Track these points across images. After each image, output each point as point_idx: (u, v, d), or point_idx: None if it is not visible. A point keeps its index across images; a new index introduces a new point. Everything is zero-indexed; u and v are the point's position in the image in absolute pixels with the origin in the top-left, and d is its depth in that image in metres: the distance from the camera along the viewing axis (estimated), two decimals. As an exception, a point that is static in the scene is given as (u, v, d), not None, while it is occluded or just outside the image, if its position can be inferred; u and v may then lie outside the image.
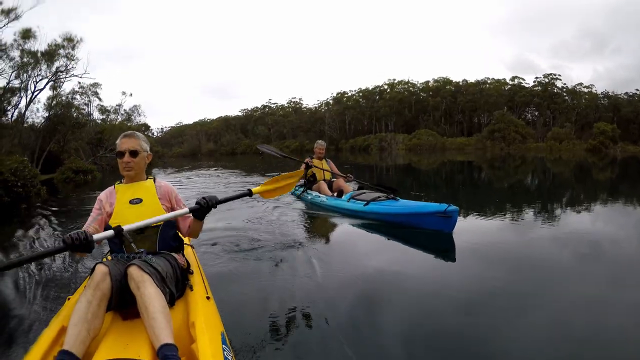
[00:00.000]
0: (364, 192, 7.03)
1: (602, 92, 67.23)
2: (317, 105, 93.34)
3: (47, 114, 18.62)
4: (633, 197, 10.03)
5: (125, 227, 2.24)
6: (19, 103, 17.33)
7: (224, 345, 1.94)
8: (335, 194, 7.92)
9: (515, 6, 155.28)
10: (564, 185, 13.29)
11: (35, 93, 17.67)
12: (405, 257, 4.82)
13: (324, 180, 8.39)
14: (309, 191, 8.40)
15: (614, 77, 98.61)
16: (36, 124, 18.27)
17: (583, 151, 37.98)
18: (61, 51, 17.37)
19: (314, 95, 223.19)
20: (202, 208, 2.53)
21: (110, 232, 2.22)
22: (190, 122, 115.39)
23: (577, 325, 2.87)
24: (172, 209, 2.67)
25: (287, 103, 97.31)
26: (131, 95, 36.27)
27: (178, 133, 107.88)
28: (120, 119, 26.68)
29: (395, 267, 4.40)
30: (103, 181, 16.62)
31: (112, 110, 26.31)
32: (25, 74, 16.35)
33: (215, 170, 23.90)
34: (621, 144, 40.26)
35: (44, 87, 17.69)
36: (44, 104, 18.22)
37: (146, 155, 2.74)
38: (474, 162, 27.22)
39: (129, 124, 25.97)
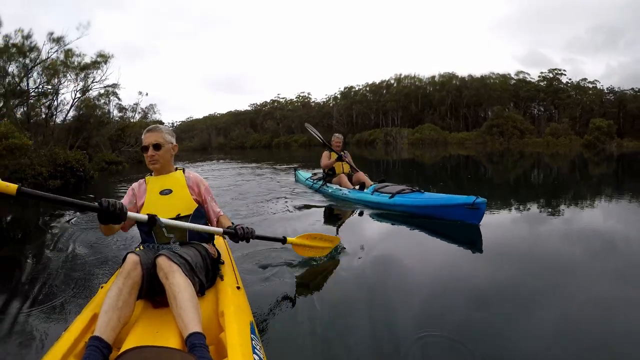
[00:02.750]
0: (387, 185, 7.05)
1: (607, 88, 67.16)
2: (325, 100, 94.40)
3: (75, 114, 20.76)
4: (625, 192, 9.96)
5: (160, 220, 2.36)
6: (51, 104, 19.66)
7: (252, 335, 1.96)
8: (357, 187, 7.91)
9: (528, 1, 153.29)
10: (570, 180, 13.24)
11: (66, 96, 20.07)
12: (433, 248, 4.83)
13: (343, 172, 8.40)
14: (328, 184, 8.46)
15: (628, 72, 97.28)
16: (65, 123, 20.18)
17: (579, 146, 38.39)
18: (95, 66, 20.10)
19: (322, 90, 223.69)
20: (237, 236, 2.55)
21: (144, 217, 2.33)
22: (201, 116, 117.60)
23: (600, 323, 2.79)
24: (201, 200, 2.72)
25: (296, 97, 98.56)
26: (147, 94, 37.96)
27: (188, 127, 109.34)
28: (138, 117, 28.42)
29: (426, 258, 4.47)
30: (130, 171, 19.25)
31: (129, 109, 28.04)
32: (57, 80, 18.62)
33: (226, 162, 25.85)
34: (617, 140, 41.00)
35: (76, 95, 20.30)
36: (74, 105, 20.27)
37: (171, 147, 2.75)
38: (474, 156, 27.54)
39: (146, 121, 27.73)
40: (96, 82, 20.89)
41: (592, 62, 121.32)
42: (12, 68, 17.10)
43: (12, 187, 1.90)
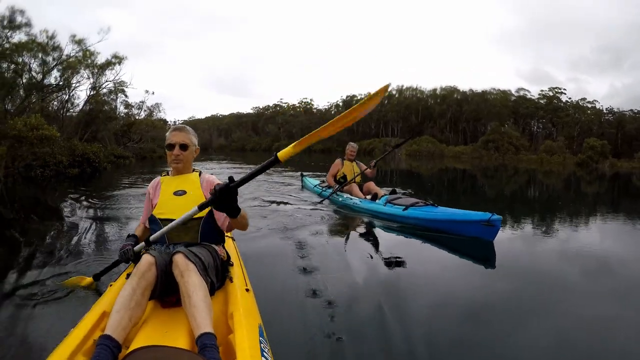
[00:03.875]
0: (400, 197, 6.97)
1: (607, 108, 68.04)
2: (327, 107, 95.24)
3: (86, 108, 21.85)
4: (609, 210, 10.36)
5: (152, 238, 2.46)
6: (69, 99, 21.29)
7: (261, 338, 1.96)
8: (369, 197, 7.65)
9: (533, 17, 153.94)
10: (570, 197, 13.57)
11: (76, 91, 21.65)
12: (446, 263, 4.82)
13: (355, 182, 8.26)
14: (339, 193, 8.23)
15: (631, 94, 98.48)
16: (74, 116, 21.11)
17: (573, 165, 38.91)
18: (110, 66, 21.98)
19: (324, 97, 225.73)
20: (217, 193, 2.06)
21: (142, 245, 2.49)
22: (203, 116, 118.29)
23: (616, 344, 2.80)
24: None
25: (298, 103, 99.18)
26: (153, 93, 38.79)
27: (190, 127, 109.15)
28: (143, 115, 29.21)
29: (439, 272, 4.47)
30: (136, 165, 20.72)
31: (135, 106, 28.83)
32: (74, 77, 20.27)
33: (227, 163, 26.65)
34: (611, 159, 41.58)
35: (90, 92, 21.97)
36: (84, 100, 21.60)
37: (194, 149, 2.81)
38: (469, 170, 27.91)
39: (152, 119, 28.64)
40: (109, 81, 22.45)
41: (596, 82, 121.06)
42: (34, 65, 18.34)
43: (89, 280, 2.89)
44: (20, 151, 11.82)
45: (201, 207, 2.27)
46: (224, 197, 2.07)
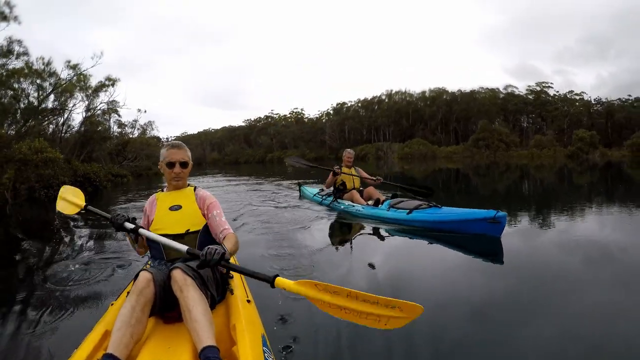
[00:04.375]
0: (403, 201, 6.85)
1: (595, 99, 68.65)
2: (318, 116, 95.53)
3: (81, 129, 22.43)
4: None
5: (141, 230, 2.48)
6: (65, 121, 22.11)
7: (264, 348, 1.97)
8: (371, 202, 7.59)
9: (516, 13, 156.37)
10: (570, 188, 13.80)
11: (72, 113, 22.29)
12: (454, 262, 4.80)
13: (354, 188, 8.17)
14: (339, 200, 8.14)
15: (618, 82, 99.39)
16: (70, 138, 21.51)
17: (564, 157, 39.46)
18: (104, 89, 22.95)
19: (315, 106, 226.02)
20: (200, 260, 2.13)
21: (131, 225, 2.50)
22: (195, 132, 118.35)
23: (629, 338, 2.74)
24: (206, 216, 2.71)
25: (290, 113, 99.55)
26: (145, 112, 39.32)
27: (183, 142, 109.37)
28: (136, 133, 29.65)
29: (447, 272, 4.44)
30: (133, 183, 21.12)
31: (128, 125, 29.23)
32: (70, 100, 21.27)
33: (221, 176, 26.75)
34: (601, 149, 42.12)
35: (86, 114, 22.85)
36: (79, 122, 22.40)
37: (190, 165, 2.85)
38: (462, 169, 28.12)
39: (145, 137, 29.09)
40: (104, 102, 23.37)
41: (583, 73, 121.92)
42: (31, 90, 19.03)
43: (82, 202, 2.74)
44: (26, 173, 12.23)
45: (189, 253, 2.26)
46: (211, 263, 2.10)
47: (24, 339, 2.94)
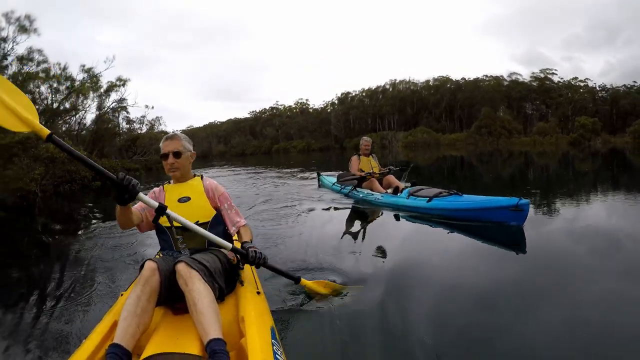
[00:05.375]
0: (423, 188, 6.75)
1: (599, 85, 68.00)
2: (322, 106, 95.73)
3: (94, 127, 23.75)
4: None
5: (170, 212, 2.34)
6: (81, 121, 23.78)
7: (273, 340, 1.95)
8: (390, 191, 7.62)
9: (525, 0, 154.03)
10: (578, 174, 13.73)
11: (86, 112, 23.91)
12: (476, 251, 4.71)
13: (374, 177, 8.08)
14: (358, 189, 8.09)
15: (626, 69, 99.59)
16: (84, 136, 22.50)
17: (566, 144, 39.46)
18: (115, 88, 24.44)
19: (320, 96, 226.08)
20: (247, 259, 2.47)
21: (155, 204, 2.32)
22: (201, 125, 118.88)
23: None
24: (217, 207, 2.70)
25: (295, 104, 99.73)
26: (153, 108, 40.33)
27: (189, 136, 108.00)
28: (145, 129, 30.54)
29: (468, 262, 4.33)
30: (146, 176, 22.44)
31: (136, 121, 30.10)
32: (84, 100, 22.92)
33: (228, 168, 27.47)
34: (603, 136, 42.21)
35: (98, 113, 24.49)
36: (91, 120, 23.99)
37: (190, 155, 2.77)
38: (465, 156, 28.19)
39: (154, 132, 29.99)
40: (115, 101, 24.83)
41: (591, 60, 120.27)
42: (49, 93, 20.85)
43: (45, 131, 2.04)
44: (53, 170, 13.45)
45: (235, 250, 2.49)
46: (258, 264, 2.51)
47: (35, 329, 2.96)
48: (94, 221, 8.02)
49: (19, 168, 11.35)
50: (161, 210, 2.33)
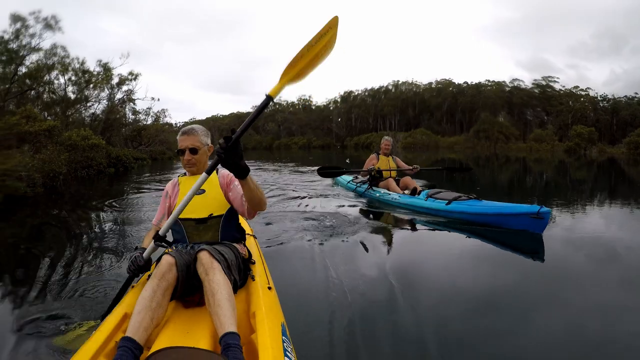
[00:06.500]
0: (441, 191, 6.69)
1: (601, 95, 68.28)
2: (325, 103, 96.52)
3: (103, 118, 24.97)
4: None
5: (161, 232, 2.28)
6: (94, 112, 25.29)
7: (283, 337, 1.93)
8: (407, 192, 7.43)
9: (530, 6, 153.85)
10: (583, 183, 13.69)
11: (99, 103, 25.39)
12: (494, 258, 4.67)
13: (391, 177, 7.98)
14: (375, 188, 8.00)
15: (631, 79, 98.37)
16: (95, 125, 23.57)
17: (561, 152, 39.92)
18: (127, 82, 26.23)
19: (323, 93, 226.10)
20: (220, 154, 1.89)
21: (152, 245, 2.31)
22: (203, 117, 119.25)
23: None
24: (229, 199, 2.58)
25: (297, 100, 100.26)
26: (159, 100, 41.24)
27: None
28: (150, 120, 31.72)
29: (485, 267, 4.32)
30: (152, 165, 23.75)
31: (142, 112, 31.01)
32: (99, 91, 24.66)
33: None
34: (600, 145, 42.58)
35: (109, 104, 25.87)
36: (102, 110, 25.36)
37: (207, 149, 2.70)
38: (462, 160, 28.28)
39: (160, 124, 31.10)
40: (124, 92, 26.49)
41: (596, 68, 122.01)
42: (69, 85, 22.88)
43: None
44: (75, 156, 14.93)
45: (208, 171, 2.13)
46: (229, 152, 1.90)
47: (46, 320, 2.93)
48: (106, 209, 8.23)
49: (51, 152, 12.64)
50: (158, 239, 2.30)
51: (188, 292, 2.20)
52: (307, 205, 7.66)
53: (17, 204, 8.75)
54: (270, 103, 2.09)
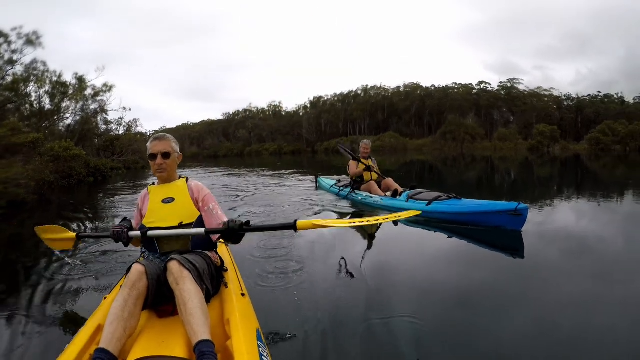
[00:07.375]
0: (422, 192, 6.78)
1: (565, 95, 71.55)
2: (295, 109, 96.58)
3: (77, 128, 25.20)
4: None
5: (149, 232, 2.44)
6: (70, 124, 25.60)
7: (259, 342, 1.95)
8: (388, 194, 7.49)
9: (496, 10, 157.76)
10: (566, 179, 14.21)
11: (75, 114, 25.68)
12: (474, 255, 4.71)
13: (372, 179, 8.08)
14: (357, 191, 8.08)
15: (596, 78, 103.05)
16: (69, 136, 23.67)
17: (525, 150, 41.33)
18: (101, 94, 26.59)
19: (292, 99, 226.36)
20: (227, 230, 2.38)
21: (137, 233, 2.47)
22: (174, 125, 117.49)
23: None
24: (200, 209, 2.63)
25: (267, 107, 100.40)
26: (130, 109, 41.48)
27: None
28: (122, 130, 31.90)
29: (464, 265, 4.34)
30: (127, 174, 24.05)
31: (114, 122, 31.10)
32: (75, 103, 25.03)
33: (201, 169, 28.30)
34: (563, 142, 44.32)
35: (82, 115, 26.21)
36: (76, 121, 25.49)
37: (177, 156, 2.75)
38: (430, 161, 29.08)
39: (132, 134, 31.25)
40: (98, 104, 26.88)
41: (563, 69, 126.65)
42: (45, 97, 23.45)
43: (72, 234, 3.12)
44: (58, 166, 16.01)
45: (208, 232, 2.43)
46: (233, 234, 2.38)
47: (17, 335, 2.87)
48: (82, 220, 8.08)
49: (39, 163, 13.66)
50: (143, 234, 2.47)
51: (160, 301, 2.20)
52: (284, 209, 7.79)
53: (16, 209, 9.49)
54: (292, 231, 2.51)
